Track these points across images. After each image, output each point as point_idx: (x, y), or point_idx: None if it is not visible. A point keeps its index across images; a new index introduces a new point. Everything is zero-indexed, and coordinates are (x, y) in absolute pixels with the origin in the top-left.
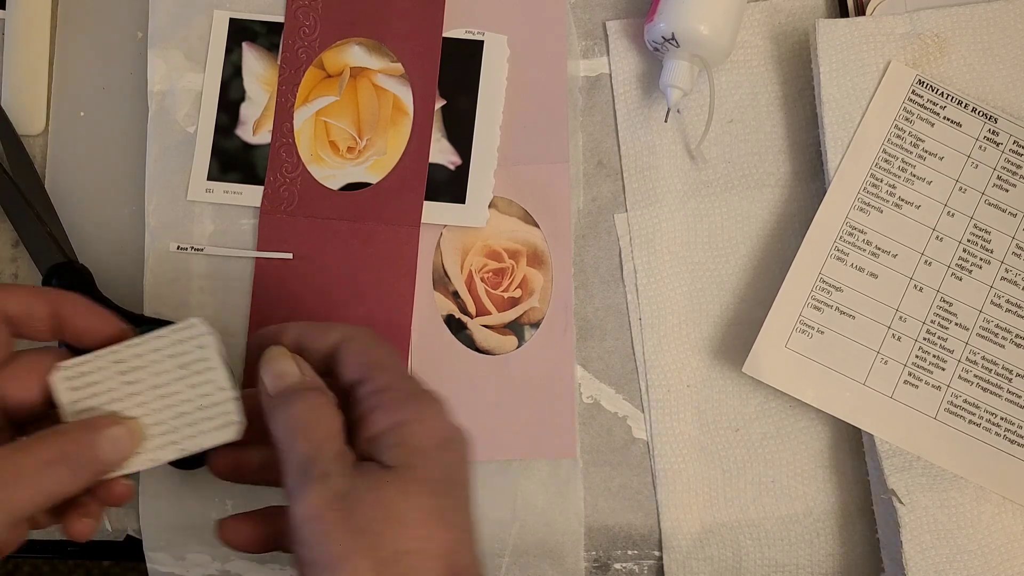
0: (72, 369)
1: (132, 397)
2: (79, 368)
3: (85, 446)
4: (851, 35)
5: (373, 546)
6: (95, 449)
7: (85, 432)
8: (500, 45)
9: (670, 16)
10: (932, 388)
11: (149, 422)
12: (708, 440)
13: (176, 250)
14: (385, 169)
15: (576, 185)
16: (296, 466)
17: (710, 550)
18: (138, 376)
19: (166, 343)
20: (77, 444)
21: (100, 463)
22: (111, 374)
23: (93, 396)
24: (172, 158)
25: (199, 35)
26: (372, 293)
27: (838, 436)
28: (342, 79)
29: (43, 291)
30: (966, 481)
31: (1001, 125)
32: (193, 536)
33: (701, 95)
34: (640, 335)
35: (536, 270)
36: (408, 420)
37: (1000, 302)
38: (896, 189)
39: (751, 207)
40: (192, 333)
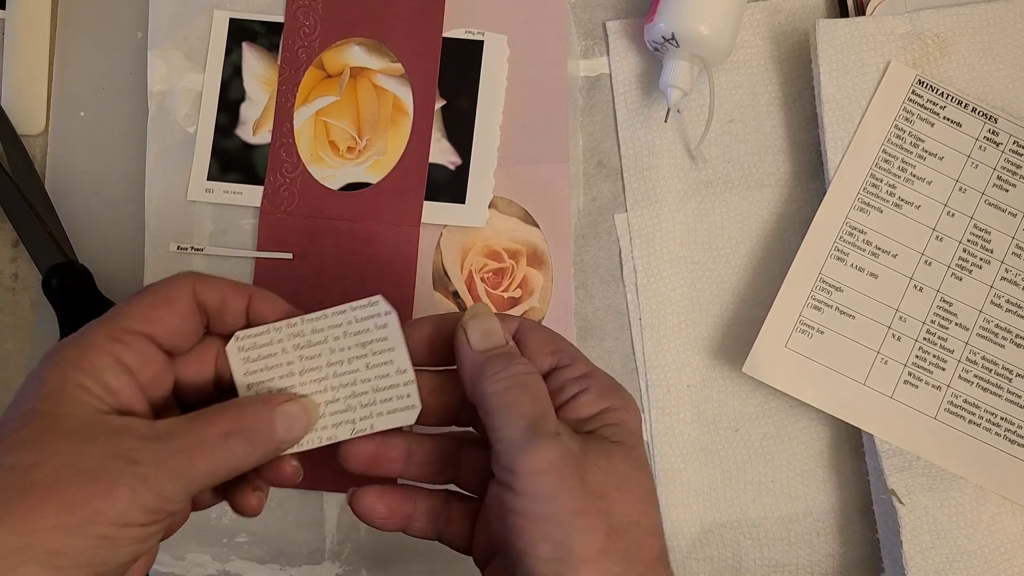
0: (248, 339)
1: (308, 372)
2: (255, 339)
3: (264, 421)
4: (851, 35)
5: (606, 511)
6: (272, 425)
7: (264, 406)
8: (500, 45)
9: (670, 16)
10: (932, 388)
11: (323, 400)
12: (708, 440)
13: (176, 250)
14: (385, 169)
15: (576, 185)
16: (523, 422)
17: (710, 550)
18: (316, 351)
19: (347, 319)
20: (256, 418)
21: (276, 439)
22: (288, 347)
23: (267, 368)
24: (172, 158)
25: (199, 35)
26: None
27: (838, 436)
28: (342, 79)
29: (241, 285)
30: (966, 481)
31: (1001, 125)
32: (193, 536)
33: (701, 95)
34: (640, 335)
35: (536, 270)
36: (618, 407)
37: (1000, 302)
38: (896, 189)
39: (751, 207)
40: (374, 311)
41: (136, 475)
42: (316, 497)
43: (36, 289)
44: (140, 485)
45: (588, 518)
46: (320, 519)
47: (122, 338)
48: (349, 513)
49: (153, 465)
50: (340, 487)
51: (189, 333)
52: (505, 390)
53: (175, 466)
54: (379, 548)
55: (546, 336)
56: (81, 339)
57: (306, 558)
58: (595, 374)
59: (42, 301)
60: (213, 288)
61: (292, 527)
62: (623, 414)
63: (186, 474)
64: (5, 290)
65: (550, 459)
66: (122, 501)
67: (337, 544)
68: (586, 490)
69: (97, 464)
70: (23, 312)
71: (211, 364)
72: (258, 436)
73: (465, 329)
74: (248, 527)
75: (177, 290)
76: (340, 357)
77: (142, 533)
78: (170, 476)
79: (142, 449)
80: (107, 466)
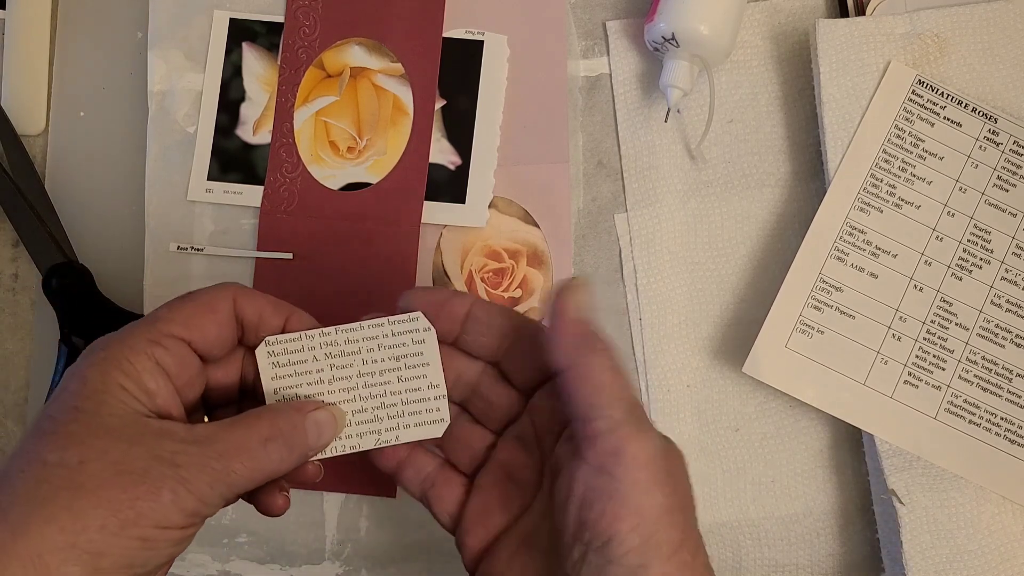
0: (278, 345)
1: (337, 381)
2: (286, 345)
3: (298, 428)
4: (851, 35)
5: (682, 507)
6: (304, 432)
7: (296, 414)
8: (500, 45)
9: (670, 16)
10: (932, 388)
11: (351, 408)
12: (708, 440)
13: (176, 250)
14: (385, 169)
15: (576, 185)
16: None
17: (710, 550)
18: (347, 361)
19: (383, 332)
20: (292, 425)
21: (307, 445)
22: (319, 355)
23: (296, 375)
24: (172, 158)
25: (199, 35)
26: (372, 293)
27: (838, 436)
28: (342, 79)
29: (281, 304)
30: (966, 481)
31: (1001, 125)
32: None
33: (701, 95)
34: (640, 335)
35: (536, 270)
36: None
37: (1000, 302)
38: (896, 189)
39: (751, 207)
40: (413, 327)
41: (178, 478)
42: (316, 497)
43: (36, 289)
44: (181, 488)
45: (674, 515)
46: (320, 519)
47: (162, 342)
48: (349, 513)
49: (194, 469)
50: (340, 487)
51: (225, 343)
52: (612, 368)
53: (215, 470)
54: (379, 548)
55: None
56: (123, 340)
57: (306, 558)
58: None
59: (42, 301)
60: (253, 303)
61: (292, 527)
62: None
63: (226, 479)
64: (5, 290)
65: (651, 451)
66: (165, 504)
67: (337, 544)
68: (673, 487)
69: (141, 466)
70: (23, 312)
71: (237, 370)
72: (294, 442)
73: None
74: (248, 527)
75: (219, 300)
76: (372, 368)
77: (179, 536)
78: (210, 480)
79: (183, 452)
80: (151, 468)
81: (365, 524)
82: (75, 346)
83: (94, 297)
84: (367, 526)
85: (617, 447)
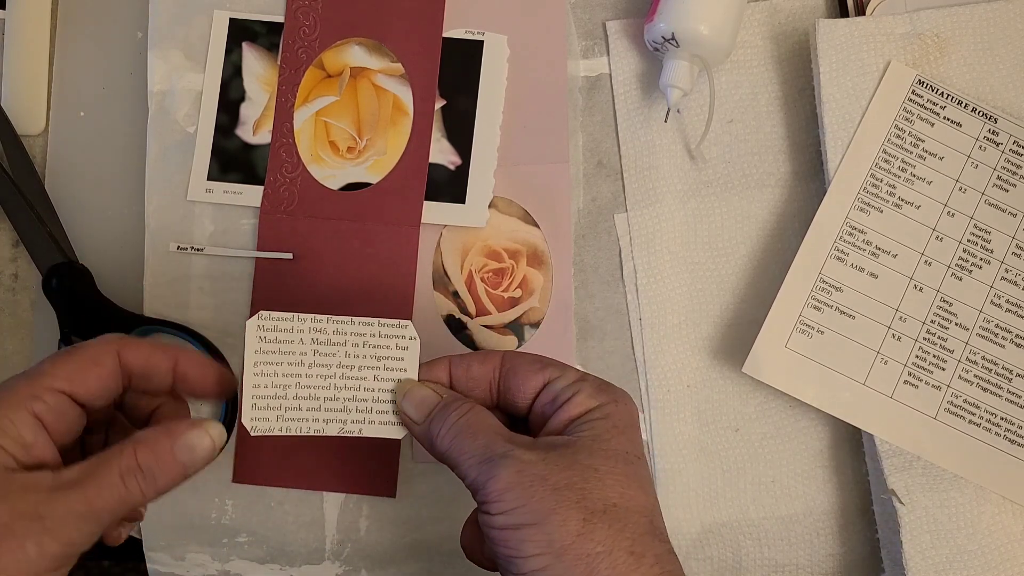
0: (270, 321)
1: (317, 367)
2: (277, 322)
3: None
4: (851, 35)
5: (579, 499)
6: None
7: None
8: (500, 45)
9: (670, 16)
10: (932, 388)
11: (324, 396)
12: (708, 440)
13: (176, 250)
14: (385, 169)
15: (576, 185)
16: (476, 460)
17: (710, 550)
18: (331, 351)
19: (371, 331)
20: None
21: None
22: (307, 339)
23: (280, 352)
24: (172, 158)
25: (199, 35)
26: (372, 293)
27: (838, 436)
28: (342, 79)
29: (166, 348)
30: (966, 481)
31: (1001, 125)
32: (193, 536)
33: (701, 95)
34: (640, 335)
35: (536, 270)
36: (607, 402)
37: (1000, 302)
38: (896, 189)
39: (751, 207)
40: (400, 332)
41: (42, 530)
42: (316, 497)
43: (36, 289)
44: (46, 538)
45: (561, 510)
46: (320, 519)
47: (43, 396)
48: (349, 513)
49: (58, 518)
50: (340, 487)
51: (109, 392)
52: (451, 444)
53: (79, 513)
54: (379, 548)
55: (531, 359)
56: (3, 396)
57: (306, 558)
58: (586, 378)
59: (42, 301)
60: (139, 352)
61: (292, 527)
62: (611, 408)
63: (90, 518)
64: (5, 290)
65: (508, 477)
66: (31, 555)
67: (337, 544)
68: (553, 488)
69: (5, 522)
70: (23, 312)
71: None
72: (157, 470)
73: (403, 410)
74: (248, 527)
75: (103, 353)
76: (353, 362)
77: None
78: (75, 523)
79: (47, 502)
80: (14, 525)
81: (365, 524)
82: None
83: (94, 297)
84: (367, 526)
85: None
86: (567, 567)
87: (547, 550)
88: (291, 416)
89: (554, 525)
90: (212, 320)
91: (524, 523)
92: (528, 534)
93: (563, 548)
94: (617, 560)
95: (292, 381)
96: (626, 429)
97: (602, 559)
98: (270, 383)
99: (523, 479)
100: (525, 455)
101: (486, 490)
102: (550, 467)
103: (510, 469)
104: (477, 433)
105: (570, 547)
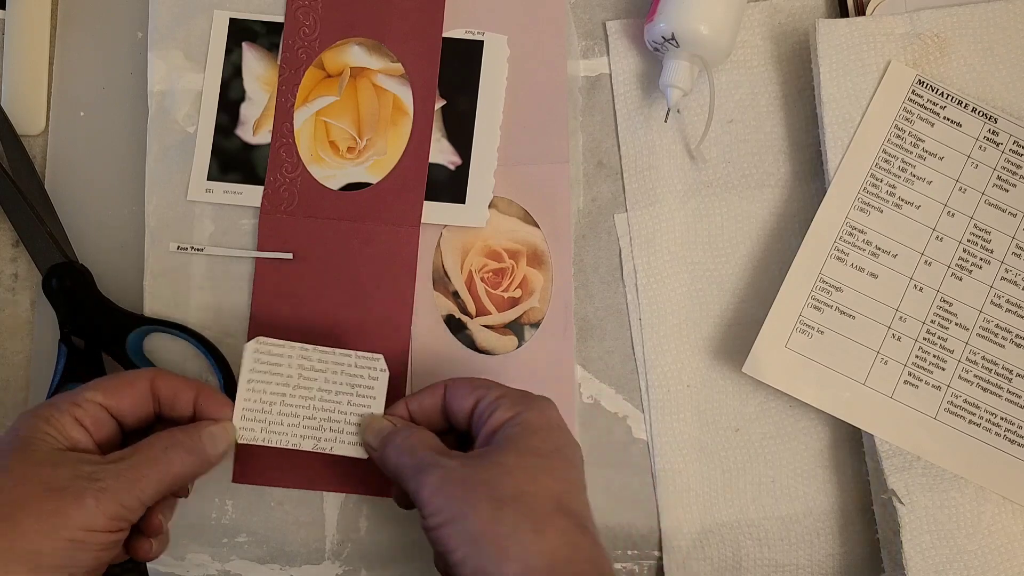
0: (265, 346)
1: (300, 389)
2: (271, 347)
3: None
4: (851, 35)
5: (489, 492)
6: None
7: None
8: (500, 45)
9: (670, 16)
10: (932, 388)
11: (303, 415)
12: (708, 440)
13: (176, 250)
14: (385, 169)
15: (576, 185)
16: (411, 473)
17: (710, 550)
18: (313, 376)
19: (349, 362)
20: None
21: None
22: (293, 365)
23: (270, 373)
24: (172, 158)
25: (199, 35)
26: (372, 293)
27: (838, 436)
28: (342, 79)
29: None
30: (966, 481)
31: (1001, 125)
32: (193, 536)
33: (701, 95)
34: (640, 335)
35: (536, 270)
36: (523, 411)
37: (1000, 302)
38: (896, 189)
39: (751, 207)
40: (373, 365)
41: (98, 489)
42: (316, 497)
43: (36, 289)
44: (102, 496)
45: (474, 503)
46: (320, 519)
47: (82, 404)
48: (349, 513)
49: (111, 479)
50: (340, 487)
51: (139, 412)
52: (396, 462)
53: (129, 478)
54: (379, 548)
55: (464, 382)
56: (49, 402)
57: (306, 558)
58: (508, 394)
59: (42, 301)
60: (167, 381)
61: (292, 527)
62: (526, 415)
63: (139, 483)
64: (5, 290)
65: (433, 483)
66: (89, 509)
67: (337, 544)
68: (469, 487)
69: (65, 483)
70: (23, 312)
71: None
72: (191, 447)
73: (365, 440)
74: (248, 527)
75: (139, 378)
76: (330, 387)
77: (106, 540)
78: (127, 486)
79: (101, 470)
80: (74, 484)
81: (365, 524)
82: (75, 346)
83: (94, 297)
84: (367, 526)
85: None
86: (482, 551)
87: (465, 541)
88: (273, 430)
89: (469, 519)
90: (212, 320)
91: (446, 521)
92: (451, 531)
93: (478, 536)
94: (522, 538)
95: (277, 399)
96: (539, 430)
97: (509, 539)
98: (258, 399)
99: (445, 484)
100: (448, 463)
101: (419, 498)
102: (467, 470)
103: (435, 476)
104: (415, 450)
105: (483, 534)
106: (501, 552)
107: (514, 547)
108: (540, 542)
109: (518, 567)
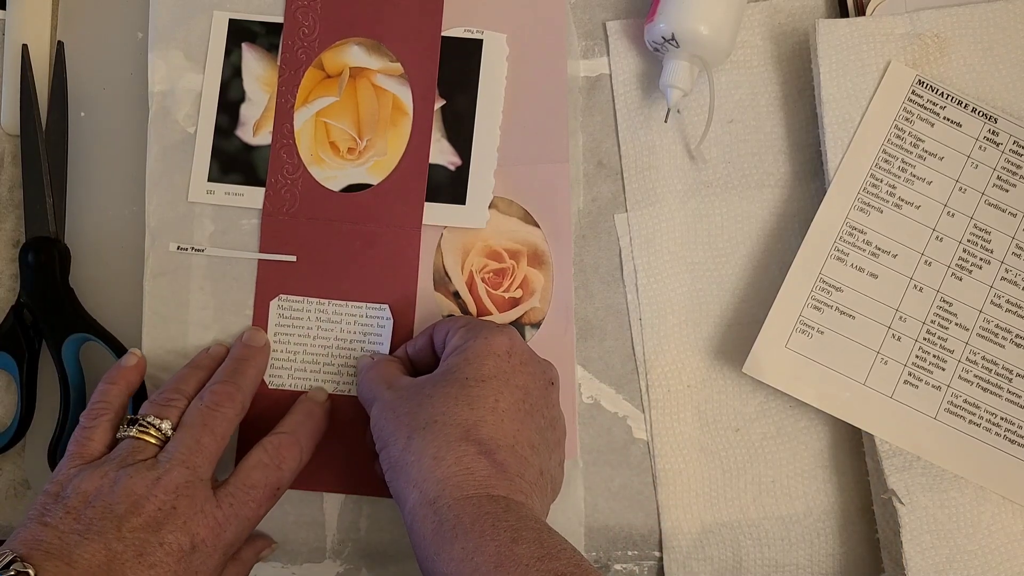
0: (286, 301)
1: (319, 339)
2: (291, 303)
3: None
4: (851, 35)
5: (409, 421)
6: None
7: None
8: (499, 44)
9: (670, 16)
10: (932, 388)
11: (323, 362)
12: (708, 440)
13: (176, 250)
14: (386, 170)
15: (576, 185)
16: (367, 405)
17: (710, 550)
18: (330, 327)
19: (359, 312)
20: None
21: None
22: (312, 318)
23: (292, 326)
24: (172, 158)
25: (199, 35)
26: (374, 295)
27: (838, 436)
28: (342, 79)
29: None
30: (966, 481)
31: (1001, 125)
32: None
33: (701, 95)
34: (640, 335)
35: (536, 270)
36: (469, 339)
37: (1000, 302)
38: (896, 189)
39: (751, 207)
40: (380, 314)
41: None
42: (316, 497)
43: None
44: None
45: (397, 429)
46: (320, 519)
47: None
48: (349, 513)
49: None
50: (340, 487)
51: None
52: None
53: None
54: (379, 547)
55: (445, 320)
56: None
57: (307, 557)
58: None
59: None
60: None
61: (293, 527)
62: (471, 343)
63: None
64: (5, 290)
65: (375, 413)
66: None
67: (338, 543)
68: (395, 416)
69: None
70: None
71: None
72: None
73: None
74: None
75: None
76: (345, 336)
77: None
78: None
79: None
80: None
81: (365, 523)
82: (23, 320)
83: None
84: (367, 525)
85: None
86: (397, 476)
87: (389, 468)
88: (298, 376)
89: (390, 446)
90: (212, 320)
91: (379, 449)
92: (382, 458)
93: (394, 462)
94: (423, 464)
95: (300, 349)
96: (474, 359)
97: (413, 465)
98: (284, 349)
99: (381, 413)
100: (386, 394)
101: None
102: (398, 400)
103: (376, 406)
104: (372, 383)
105: (398, 460)
106: (407, 479)
107: (416, 474)
108: (437, 469)
109: (417, 494)
